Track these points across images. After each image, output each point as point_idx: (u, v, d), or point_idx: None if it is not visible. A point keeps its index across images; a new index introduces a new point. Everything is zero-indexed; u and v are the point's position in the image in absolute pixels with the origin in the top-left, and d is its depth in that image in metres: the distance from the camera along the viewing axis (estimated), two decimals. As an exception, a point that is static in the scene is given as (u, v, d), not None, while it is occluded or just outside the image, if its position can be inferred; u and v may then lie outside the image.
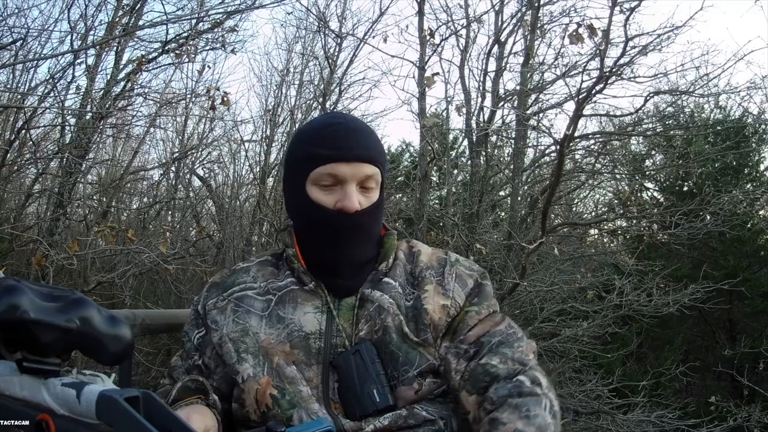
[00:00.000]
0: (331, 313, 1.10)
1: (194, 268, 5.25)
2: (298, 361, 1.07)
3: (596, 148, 6.40)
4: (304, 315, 1.10)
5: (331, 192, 1.11)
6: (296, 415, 1.04)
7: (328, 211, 1.09)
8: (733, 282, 5.66)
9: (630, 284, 5.14)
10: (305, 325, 1.09)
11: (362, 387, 1.04)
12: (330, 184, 1.10)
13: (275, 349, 1.07)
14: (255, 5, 4.72)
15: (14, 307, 0.54)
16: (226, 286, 1.16)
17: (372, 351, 1.06)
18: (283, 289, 1.13)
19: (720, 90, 6.27)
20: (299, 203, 1.12)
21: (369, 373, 1.05)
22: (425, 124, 5.08)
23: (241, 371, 1.07)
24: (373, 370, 1.05)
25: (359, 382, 1.04)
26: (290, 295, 1.12)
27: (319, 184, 1.11)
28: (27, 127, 5.07)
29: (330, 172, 1.09)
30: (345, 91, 6.77)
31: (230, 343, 1.09)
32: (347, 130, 1.10)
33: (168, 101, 5.92)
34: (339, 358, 1.08)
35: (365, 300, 1.11)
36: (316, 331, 1.09)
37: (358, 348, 1.06)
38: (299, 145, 1.15)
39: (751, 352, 6.97)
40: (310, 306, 1.11)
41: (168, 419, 0.53)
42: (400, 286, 1.13)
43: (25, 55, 4.95)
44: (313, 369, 1.07)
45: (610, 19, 3.79)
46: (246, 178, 7.40)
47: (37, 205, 6.36)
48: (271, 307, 1.12)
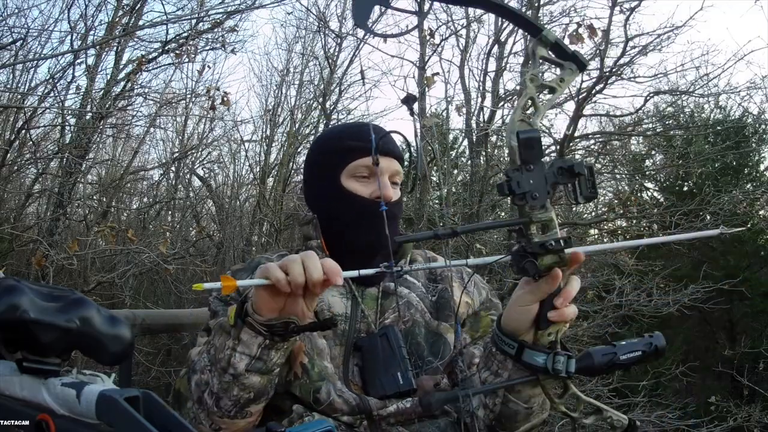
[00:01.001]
0: (356, 299, 1.17)
1: (194, 268, 5.24)
2: (327, 337, 1.13)
3: (596, 148, 6.39)
4: (331, 297, 1.16)
5: (366, 183, 1.18)
6: (324, 388, 1.08)
7: (366, 201, 1.16)
8: (733, 282, 5.65)
9: (630, 284, 5.13)
10: (333, 306, 1.15)
11: (387, 369, 1.08)
12: (366, 175, 1.18)
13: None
14: (255, 5, 4.73)
15: (14, 307, 0.54)
16: (251, 268, 1.18)
17: (399, 336, 1.11)
18: None
19: (720, 90, 6.28)
20: (333, 195, 1.19)
21: (395, 357, 1.09)
22: (425, 124, 5.08)
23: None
24: (399, 353, 1.09)
25: (384, 364, 1.08)
26: None
27: (356, 175, 1.18)
28: (27, 127, 5.07)
29: (368, 164, 1.16)
30: (345, 91, 6.77)
31: None
32: (378, 129, 1.19)
33: (168, 101, 5.92)
34: (364, 339, 1.13)
35: (389, 293, 1.18)
36: (342, 314, 1.15)
37: (386, 332, 1.12)
38: (332, 141, 1.24)
39: (751, 352, 6.97)
40: (336, 291, 1.17)
41: (168, 419, 0.53)
42: (423, 286, 1.23)
43: (25, 55, 4.95)
44: (337, 349, 1.13)
45: (610, 19, 3.81)
46: (246, 178, 7.40)
47: (37, 205, 6.35)
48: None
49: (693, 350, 8.82)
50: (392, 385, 1.07)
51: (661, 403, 5.45)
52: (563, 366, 0.87)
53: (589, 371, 0.90)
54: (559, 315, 0.88)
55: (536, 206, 0.80)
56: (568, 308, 0.88)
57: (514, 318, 0.92)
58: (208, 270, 5.23)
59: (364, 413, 1.07)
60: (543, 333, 0.90)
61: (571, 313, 0.89)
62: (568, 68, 0.85)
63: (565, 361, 0.87)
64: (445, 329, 1.17)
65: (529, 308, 0.90)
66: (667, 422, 4.97)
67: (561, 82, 0.86)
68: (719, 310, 6.65)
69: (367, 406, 1.07)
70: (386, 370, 1.08)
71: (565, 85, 0.86)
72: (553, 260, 0.83)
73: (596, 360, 0.90)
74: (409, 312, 1.17)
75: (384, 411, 1.06)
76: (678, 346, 8.32)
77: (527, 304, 0.90)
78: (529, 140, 0.79)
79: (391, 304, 1.17)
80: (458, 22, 5.96)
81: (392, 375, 1.07)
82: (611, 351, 0.90)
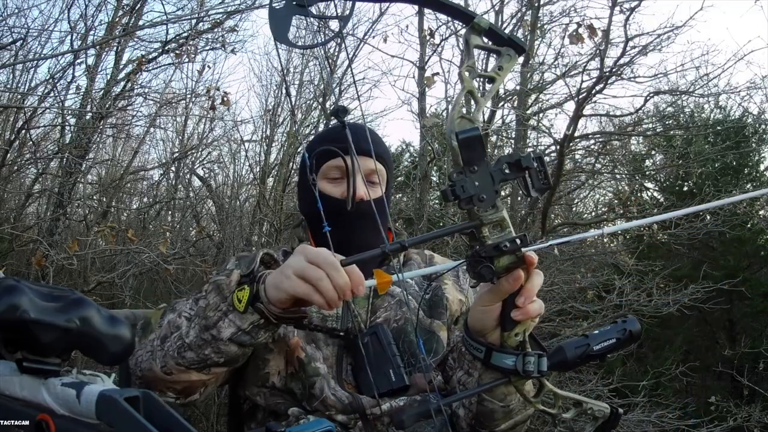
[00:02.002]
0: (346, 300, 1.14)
1: (194, 268, 5.24)
2: (317, 339, 1.13)
3: (596, 148, 6.39)
4: None
5: (338, 184, 1.20)
6: (318, 384, 1.09)
7: (333, 200, 1.18)
8: (733, 282, 5.65)
9: (630, 284, 5.13)
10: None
11: (378, 367, 1.08)
12: (338, 176, 1.20)
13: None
14: (255, 5, 4.72)
15: (14, 307, 0.54)
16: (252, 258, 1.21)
17: (388, 334, 1.12)
18: None
19: (720, 90, 6.28)
20: (311, 198, 1.21)
21: (385, 355, 1.09)
22: (425, 124, 5.08)
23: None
24: (390, 351, 1.09)
25: (376, 363, 1.09)
26: None
27: (328, 177, 1.21)
28: (27, 127, 5.06)
29: (337, 165, 1.18)
30: (345, 91, 6.76)
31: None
32: (354, 128, 1.18)
33: (168, 101, 5.91)
34: (355, 339, 1.13)
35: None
36: (333, 315, 1.16)
37: (375, 330, 1.12)
38: (313, 145, 1.26)
39: (751, 352, 6.97)
40: None
41: (168, 419, 0.53)
42: (416, 284, 1.23)
43: (25, 55, 4.95)
44: (329, 348, 1.13)
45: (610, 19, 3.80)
46: (246, 178, 7.39)
47: (37, 205, 6.35)
48: None
49: (693, 350, 8.82)
50: (385, 383, 1.08)
51: (661, 403, 5.44)
52: (534, 366, 0.84)
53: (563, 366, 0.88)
54: (523, 313, 0.85)
55: (485, 208, 0.77)
56: (531, 305, 0.85)
57: (477, 318, 0.90)
58: (207, 270, 5.23)
59: (357, 412, 1.07)
60: (509, 334, 0.86)
61: (535, 309, 0.85)
62: (506, 54, 0.81)
63: (536, 361, 0.84)
64: (438, 327, 1.18)
65: (491, 308, 0.87)
66: (667, 422, 4.97)
67: (500, 71, 0.81)
68: (719, 310, 6.65)
69: (359, 405, 1.07)
70: (378, 369, 1.08)
71: (504, 72, 0.82)
72: (510, 260, 0.80)
73: (569, 354, 0.87)
74: (401, 311, 1.17)
75: (377, 410, 1.06)
76: (678, 346, 8.31)
77: (488, 305, 0.87)
78: (469, 140, 0.75)
79: (383, 303, 1.18)
80: (458, 22, 5.95)
81: (384, 373, 1.08)
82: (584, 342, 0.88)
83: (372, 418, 1.07)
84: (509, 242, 0.77)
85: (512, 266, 0.81)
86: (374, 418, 1.07)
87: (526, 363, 0.84)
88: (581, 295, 5.42)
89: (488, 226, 0.78)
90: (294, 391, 1.10)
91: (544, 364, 0.84)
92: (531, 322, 0.87)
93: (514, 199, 6.04)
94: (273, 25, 0.79)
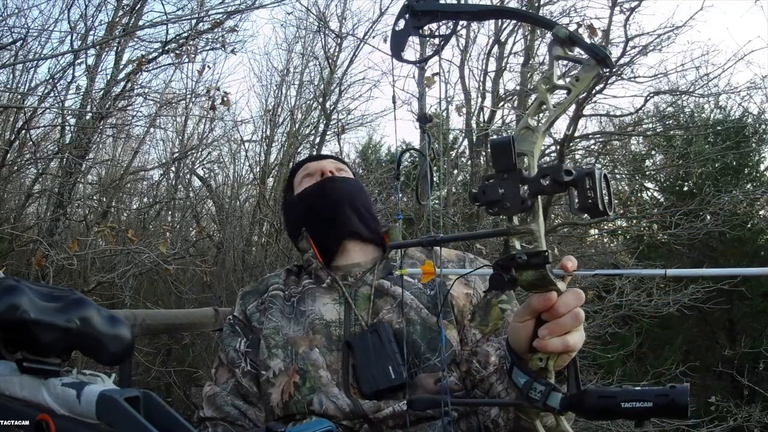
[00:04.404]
0: (348, 304, 1.19)
1: (194, 268, 5.24)
2: (320, 346, 1.14)
3: (596, 148, 6.39)
4: (323, 306, 1.19)
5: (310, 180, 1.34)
6: (316, 399, 1.09)
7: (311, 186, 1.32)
8: (733, 282, 5.65)
9: (630, 284, 5.13)
10: (325, 314, 1.18)
11: (378, 364, 1.08)
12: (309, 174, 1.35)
13: (302, 340, 1.15)
14: (255, 5, 4.73)
15: (14, 307, 0.54)
16: (260, 290, 1.29)
17: (389, 331, 1.12)
18: (302, 290, 1.24)
19: (720, 90, 6.29)
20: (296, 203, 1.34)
21: (385, 352, 1.09)
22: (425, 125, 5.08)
23: (273, 366, 1.14)
24: (390, 348, 1.09)
25: (375, 360, 1.09)
26: (309, 293, 1.23)
27: (301, 183, 1.35)
28: (27, 127, 5.06)
29: (305, 172, 1.36)
30: (345, 91, 6.76)
31: (263, 339, 1.18)
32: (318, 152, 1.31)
33: (168, 101, 5.92)
34: (356, 337, 1.14)
35: (382, 292, 1.19)
36: (335, 320, 1.17)
37: (376, 328, 1.13)
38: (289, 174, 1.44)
39: (751, 352, 6.97)
40: (329, 298, 1.21)
41: (168, 419, 0.53)
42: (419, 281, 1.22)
43: (25, 55, 4.95)
44: (334, 354, 1.14)
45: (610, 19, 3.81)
46: (246, 178, 7.39)
47: (37, 205, 6.35)
48: (295, 308, 1.22)
49: (693, 350, 8.82)
50: (384, 380, 1.07)
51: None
52: (540, 396, 0.76)
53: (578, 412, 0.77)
54: (540, 345, 0.79)
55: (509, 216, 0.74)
56: (552, 340, 0.77)
57: (512, 331, 0.86)
58: (207, 270, 5.23)
59: (358, 417, 1.06)
60: (532, 356, 0.81)
61: (556, 346, 0.77)
62: (585, 65, 0.77)
63: (545, 392, 0.76)
64: (444, 325, 1.16)
65: (523, 324, 0.82)
66: (667, 422, 4.96)
67: (577, 81, 0.77)
68: (719, 310, 6.65)
69: (361, 411, 1.06)
70: (378, 365, 1.08)
71: (582, 83, 0.77)
72: (533, 276, 0.74)
73: (587, 401, 0.76)
74: (403, 312, 1.16)
75: (380, 414, 1.06)
76: (678, 346, 8.32)
77: (519, 321, 0.83)
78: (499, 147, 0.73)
79: (385, 304, 1.18)
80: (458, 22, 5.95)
81: (384, 369, 1.08)
82: (610, 394, 0.76)
83: (377, 421, 1.06)
84: (527, 255, 0.72)
85: (537, 283, 0.75)
86: (378, 421, 1.06)
87: (531, 389, 0.77)
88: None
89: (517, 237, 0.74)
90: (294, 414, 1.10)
91: (554, 399, 0.76)
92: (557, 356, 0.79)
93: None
94: (393, 45, 0.87)
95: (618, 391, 0.75)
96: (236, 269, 5.60)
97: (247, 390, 1.16)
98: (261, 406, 1.15)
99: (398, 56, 0.87)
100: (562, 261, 0.79)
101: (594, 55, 0.75)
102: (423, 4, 0.85)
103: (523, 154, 0.75)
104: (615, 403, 0.74)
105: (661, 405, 0.73)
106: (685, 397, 0.73)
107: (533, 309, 0.79)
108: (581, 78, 0.77)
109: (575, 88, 0.77)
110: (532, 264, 0.73)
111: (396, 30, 0.86)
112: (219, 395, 1.17)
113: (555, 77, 0.77)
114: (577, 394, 0.77)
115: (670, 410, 0.73)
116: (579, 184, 0.69)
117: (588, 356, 5.69)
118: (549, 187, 0.71)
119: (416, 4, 0.84)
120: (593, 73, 0.76)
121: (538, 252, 0.72)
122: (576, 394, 0.77)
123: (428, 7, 0.84)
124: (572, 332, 0.79)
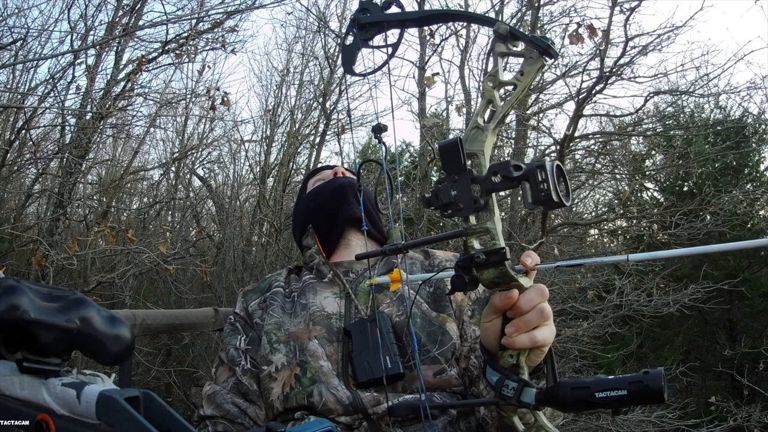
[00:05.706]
0: (349, 298, 1.21)
1: (194, 268, 5.24)
2: (320, 336, 1.16)
3: (596, 148, 6.39)
4: (324, 299, 1.22)
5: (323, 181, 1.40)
6: (316, 390, 1.10)
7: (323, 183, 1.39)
8: (733, 282, 5.66)
9: (630, 284, 5.13)
10: (326, 307, 1.20)
11: (375, 353, 1.09)
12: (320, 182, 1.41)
13: (302, 333, 1.17)
14: (255, 5, 4.73)
15: (14, 307, 0.53)
16: (262, 289, 1.31)
17: (388, 322, 1.14)
18: (302, 285, 1.28)
19: (720, 90, 6.29)
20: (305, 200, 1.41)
21: (384, 342, 1.10)
22: (425, 124, 5.08)
23: (275, 361, 1.15)
24: (387, 339, 1.11)
25: (373, 349, 1.10)
26: (310, 287, 1.26)
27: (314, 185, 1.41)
28: (27, 127, 5.06)
29: (318, 176, 1.44)
30: (345, 91, 6.76)
31: (264, 335, 1.19)
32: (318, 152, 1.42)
33: (168, 101, 5.92)
34: (354, 324, 1.15)
35: (383, 287, 1.21)
36: (336, 313, 1.19)
37: (374, 317, 1.14)
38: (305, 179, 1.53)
39: (751, 352, 6.97)
40: (329, 292, 1.24)
41: (168, 419, 0.53)
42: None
43: (25, 55, 4.95)
44: (334, 345, 1.15)
45: (610, 19, 3.80)
46: (246, 178, 7.40)
47: (37, 205, 6.35)
48: (295, 303, 1.24)
49: (693, 350, 8.82)
50: (379, 369, 1.08)
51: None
52: (512, 393, 0.76)
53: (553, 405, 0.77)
54: (507, 342, 0.79)
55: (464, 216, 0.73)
56: (519, 337, 0.78)
57: (482, 330, 0.86)
58: (208, 270, 5.23)
59: (358, 412, 1.07)
60: (502, 353, 0.81)
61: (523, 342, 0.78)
62: (528, 57, 0.76)
63: (518, 388, 0.76)
64: (444, 319, 1.17)
65: (490, 324, 0.82)
66: (667, 422, 4.96)
67: (521, 76, 0.77)
68: (719, 310, 6.66)
69: (360, 405, 1.07)
70: (375, 354, 1.09)
71: (527, 77, 0.76)
72: (494, 274, 0.73)
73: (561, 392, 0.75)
74: (403, 306, 1.18)
75: (379, 409, 1.06)
76: (678, 346, 8.32)
77: (486, 321, 0.83)
78: (446, 149, 0.72)
79: (385, 298, 1.19)
80: (458, 23, 5.96)
81: (380, 360, 1.08)
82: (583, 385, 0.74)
83: (376, 418, 1.07)
84: (485, 254, 0.72)
85: (498, 281, 0.74)
86: (378, 417, 1.07)
87: (504, 386, 0.77)
88: (581, 295, 5.42)
89: (475, 236, 0.74)
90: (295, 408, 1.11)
91: (528, 394, 0.76)
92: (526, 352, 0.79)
93: (514, 199, 6.04)
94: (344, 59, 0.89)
95: (591, 381, 0.74)
96: (236, 269, 5.60)
97: (247, 388, 1.16)
98: (261, 404, 1.16)
99: (350, 70, 0.89)
100: (522, 257, 0.79)
101: (536, 47, 0.75)
102: (369, 16, 0.86)
103: (474, 153, 0.75)
104: (589, 393, 0.73)
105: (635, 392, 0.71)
106: (660, 381, 0.71)
107: (495, 308, 0.80)
108: (526, 71, 0.77)
109: (521, 83, 0.77)
110: (491, 262, 0.72)
111: (346, 45, 0.88)
112: (219, 393, 1.17)
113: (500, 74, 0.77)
114: (552, 387, 0.77)
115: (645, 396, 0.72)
116: (531, 178, 0.69)
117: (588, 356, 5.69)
118: (501, 184, 0.71)
119: (362, 18, 0.86)
120: (538, 65, 0.76)
121: (496, 250, 0.72)
122: (550, 388, 0.77)
123: (374, 19, 0.86)
124: (540, 327, 0.79)
